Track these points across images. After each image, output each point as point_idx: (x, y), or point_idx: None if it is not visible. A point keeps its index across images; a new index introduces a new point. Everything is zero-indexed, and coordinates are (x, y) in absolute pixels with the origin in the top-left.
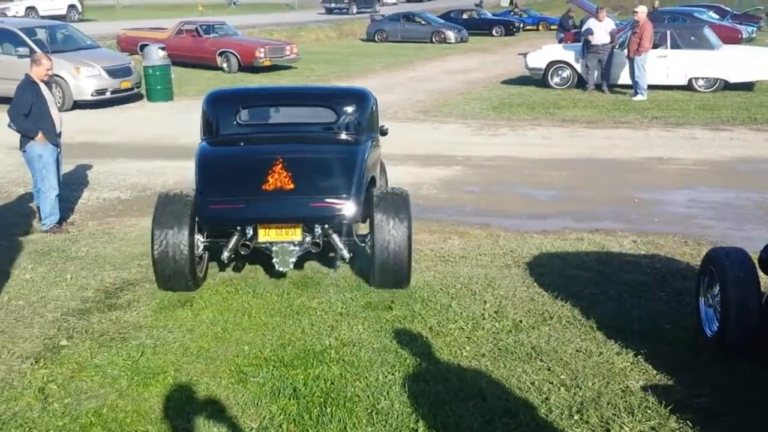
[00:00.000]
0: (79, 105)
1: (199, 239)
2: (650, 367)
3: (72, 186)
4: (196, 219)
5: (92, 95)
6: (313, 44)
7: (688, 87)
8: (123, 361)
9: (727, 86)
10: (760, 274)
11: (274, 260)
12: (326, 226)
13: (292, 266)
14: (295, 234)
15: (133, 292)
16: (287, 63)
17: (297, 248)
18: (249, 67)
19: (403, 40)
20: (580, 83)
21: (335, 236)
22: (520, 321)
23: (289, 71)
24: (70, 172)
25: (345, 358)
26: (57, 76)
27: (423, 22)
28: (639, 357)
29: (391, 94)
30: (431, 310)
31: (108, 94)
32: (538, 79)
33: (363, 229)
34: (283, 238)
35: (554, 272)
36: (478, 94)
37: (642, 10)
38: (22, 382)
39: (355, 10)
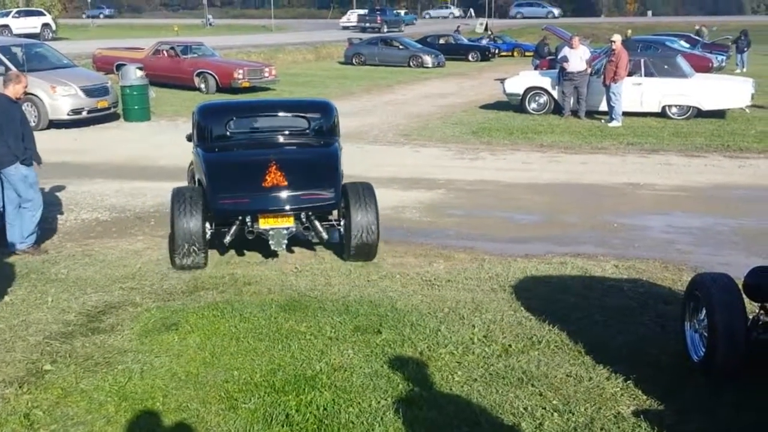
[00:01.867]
0: (54, 124)
1: (207, 227)
2: (640, 392)
3: (49, 206)
4: (207, 210)
5: (68, 114)
6: (291, 66)
7: (662, 114)
8: (109, 386)
9: (700, 113)
10: (745, 299)
11: (271, 242)
12: (311, 213)
13: (284, 247)
14: (289, 221)
15: (117, 316)
16: (265, 84)
17: (287, 232)
18: (227, 88)
19: (381, 64)
20: (557, 109)
21: (317, 222)
22: (510, 345)
23: (267, 93)
24: (46, 193)
25: (337, 384)
26: (32, 94)
27: (400, 47)
28: (629, 382)
29: (370, 117)
30: (420, 334)
31: (84, 114)
32: (515, 105)
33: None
34: (279, 225)
35: (540, 296)
36: (458, 118)
37: (618, 39)
38: (6, 408)
39: (386, 29)
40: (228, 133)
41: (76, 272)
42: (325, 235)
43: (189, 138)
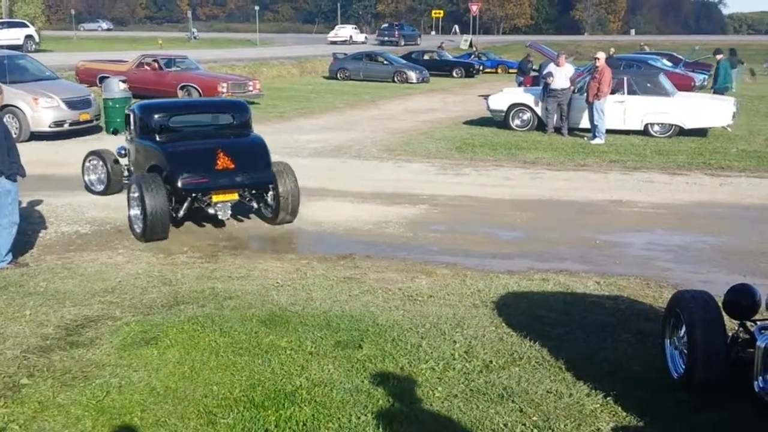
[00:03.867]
0: (36, 136)
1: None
2: (620, 408)
3: (29, 219)
4: (169, 190)
5: (50, 127)
6: (275, 80)
7: (645, 132)
8: (87, 400)
9: (682, 132)
10: (725, 317)
11: (219, 214)
12: (253, 190)
13: (229, 216)
14: (234, 196)
15: (95, 329)
16: (250, 99)
17: (231, 204)
18: None
19: (365, 79)
20: (540, 126)
21: (255, 195)
22: (491, 361)
23: (251, 107)
24: (25, 206)
25: (317, 399)
26: (13, 106)
27: (385, 62)
28: (608, 398)
29: (354, 132)
30: (402, 349)
31: (66, 126)
32: (499, 121)
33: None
34: (227, 199)
35: (521, 312)
36: (441, 133)
37: (602, 56)
38: None
39: (402, 42)
40: (171, 126)
41: (55, 285)
42: (255, 205)
43: (114, 132)
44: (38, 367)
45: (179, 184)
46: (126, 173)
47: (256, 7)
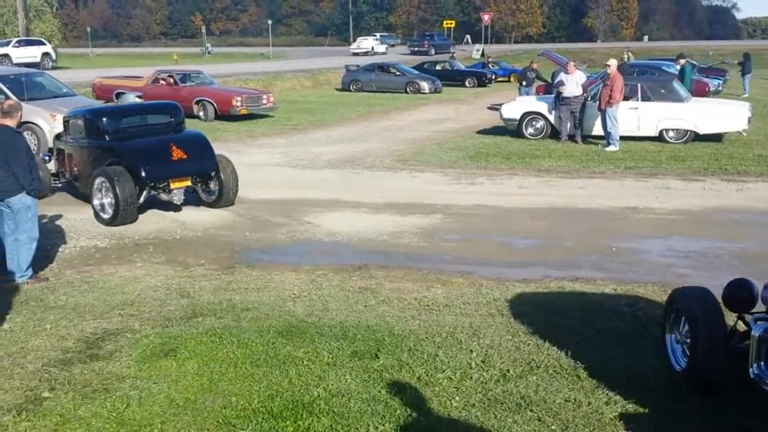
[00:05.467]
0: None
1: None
2: (639, 417)
3: (48, 234)
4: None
5: None
6: (289, 93)
7: (659, 138)
8: (108, 413)
9: (697, 137)
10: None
11: (174, 199)
12: (202, 176)
13: (182, 200)
14: (188, 182)
15: (115, 342)
16: (264, 112)
17: (184, 190)
18: (226, 115)
19: (378, 90)
20: (554, 134)
21: (202, 181)
22: (508, 370)
23: (265, 120)
24: (45, 221)
25: (335, 410)
26: (32, 123)
27: (397, 73)
28: (628, 407)
29: (368, 143)
30: (418, 359)
31: None
32: (512, 129)
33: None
34: (182, 185)
35: (538, 321)
36: (454, 143)
37: (613, 63)
38: None
39: (433, 51)
40: (121, 128)
41: (75, 299)
42: (202, 195)
43: (59, 136)
44: (59, 380)
45: (143, 174)
46: (55, 176)
47: (269, 21)
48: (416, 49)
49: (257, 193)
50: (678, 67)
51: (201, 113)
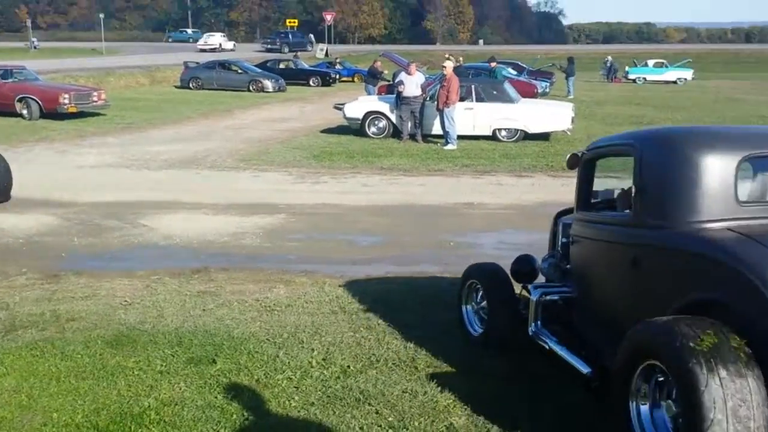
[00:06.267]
0: None
1: None
2: (471, 402)
3: None
4: None
5: None
6: (123, 91)
7: (493, 137)
8: None
9: (527, 136)
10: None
11: None
12: None
13: None
14: None
15: None
16: (95, 109)
17: None
18: (52, 113)
19: (220, 88)
20: (396, 133)
21: None
22: (348, 366)
23: (97, 118)
24: None
25: (166, 419)
26: None
27: (239, 71)
28: (461, 393)
29: (209, 143)
30: (258, 361)
31: None
32: (355, 129)
33: None
34: None
35: (379, 316)
36: (299, 142)
37: (449, 65)
38: None
39: (287, 50)
40: None
41: None
42: None
43: None
44: None
45: None
46: None
47: (101, 15)
48: (269, 47)
49: (87, 196)
50: (492, 67)
51: (24, 111)
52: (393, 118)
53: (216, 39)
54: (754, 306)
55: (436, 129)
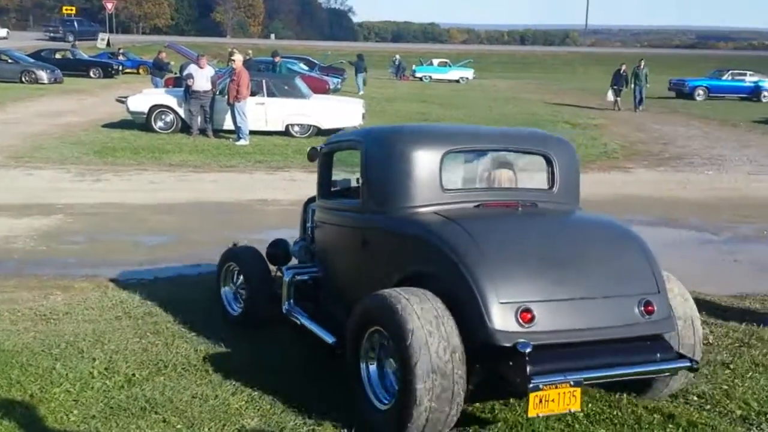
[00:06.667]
0: None
1: None
2: (264, 402)
3: None
4: None
5: None
6: None
7: (286, 132)
8: None
9: (320, 132)
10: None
11: None
12: None
13: None
14: None
15: None
16: None
17: None
18: None
19: None
20: (185, 128)
21: None
22: (133, 374)
23: None
24: None
25: None
26: None
27: (10, 60)
28: (253, 394)
29: None
30: (32, 375)
31: None
32: (141, 123)
33: None
34: None
35: (168, 320)
36: (77, 137)
37: (239, 59)
38: None
39: (71, 38)
40: None
41: None
42: None
43: None
44: None
45: None
46: None
47: None
48: (53, 35)
49: None
50: (276, 61)
51: None
52: (181, 112)
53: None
54: (451, 274)
55: (228, 124)
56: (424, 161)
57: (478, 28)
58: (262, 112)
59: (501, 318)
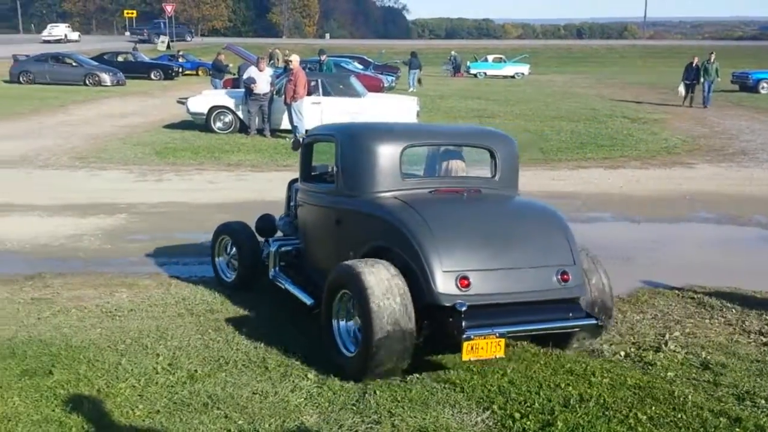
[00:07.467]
0: None
1: None
2: (322, 400)
3: None
4: None
5: None
6: None
7: None
8: None
9: None
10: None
11: None
12: None
13: None
14: None
15: None
16: None
17: None
18: None
19: (53, 82)
20: (243, 128)
21: None
22: (196, 370)
23: None
24: None
25: None
26: None
27: (74, 64)
28: (312, 391)
29: (41, 140)
30: (98, 370)
31: None
32: (200, 124)
33: None
34: None
35: (229, 316)
36: (140, 138)
37: (296, 59)
38: None
39: (157, 39)
40: None
41: None
42: None
43: None
44: None
45: None
46: None
47: None
48: (140, 38)
49: None
50: (322, 60)
51: None
52: (240, 112)
53: (61, 30)
54: (405, 248)
55: (285, 124)
56: (387, 154)
57: (533, 23)
58: (318, 111)
59: (443, 283)
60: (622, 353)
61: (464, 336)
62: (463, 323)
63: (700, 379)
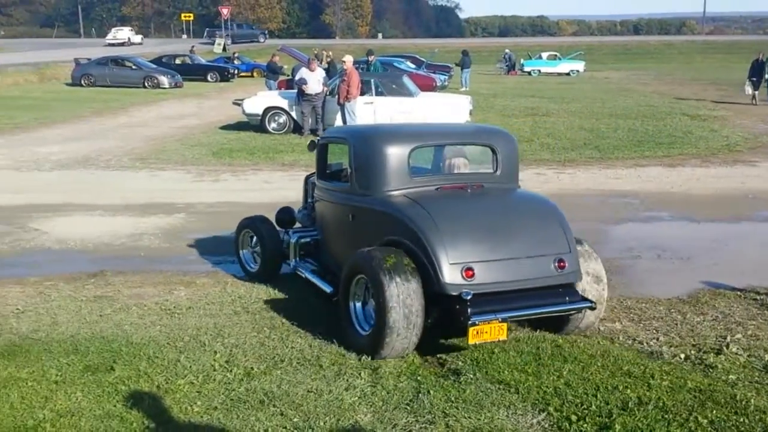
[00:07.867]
0: None
1: None
2: (376, 399)
3: None
4: None
5: None
6: (10, 89)
7: None
8: None
9: None
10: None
11: None
12: None
13: None
14: None
15: None
16: None
17: None
18: None
19: (113, 85)
20: (297, 128)
21: None
22: (252, 368)
23: None
24: None
25: (62, 431)
26: None
27: (134, 67)
28: (366, 390)
29: (103, 141)
30: (158, 367)
31: None
32: (255, 125)
33: None
34: None
35: (283, 315)
36: (197, 139)
37: (349, 60)
38: None
39: (230, 42)
40: None
41: None
42: None
43: None
44: None
45: None
46: None
47: None
48: (209, 39)
49: None
50: (370, 61)
51: None
52: (293, 113)
53: (125, 33)
54: (414, 242)
55: (338, 123)
56: (396, 156)
57: (588, 19)
58: (370, 111)
59: (450, 274)
60: (682, 355)
61: (470, 322)
62: (469, 310)
63: (763, 382)
